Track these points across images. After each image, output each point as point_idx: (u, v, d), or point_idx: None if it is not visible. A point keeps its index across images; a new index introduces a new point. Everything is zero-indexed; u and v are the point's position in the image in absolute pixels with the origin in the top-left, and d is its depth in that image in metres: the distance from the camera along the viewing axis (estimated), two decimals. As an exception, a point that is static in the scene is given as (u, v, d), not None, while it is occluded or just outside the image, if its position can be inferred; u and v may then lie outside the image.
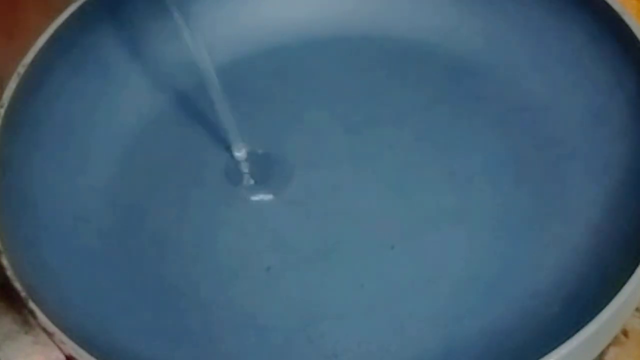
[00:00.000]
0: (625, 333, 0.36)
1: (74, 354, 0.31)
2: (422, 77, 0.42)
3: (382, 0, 0.43)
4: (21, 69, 0.38)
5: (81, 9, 0.40)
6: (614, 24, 0.37)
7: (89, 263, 0.37)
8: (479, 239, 0.37)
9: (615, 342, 0.35)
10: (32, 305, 0.32)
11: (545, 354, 0.30)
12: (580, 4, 0.39)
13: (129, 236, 0.38)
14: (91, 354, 0.31)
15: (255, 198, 0.39)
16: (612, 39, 0.38)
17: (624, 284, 0.31)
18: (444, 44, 0.42)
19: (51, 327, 0.32)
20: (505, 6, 0.41)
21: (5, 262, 0.33)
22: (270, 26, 0.43)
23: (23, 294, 0.32)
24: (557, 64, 0.40)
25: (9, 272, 0.33)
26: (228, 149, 0.40)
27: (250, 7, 0.44)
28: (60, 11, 0.40)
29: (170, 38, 0.43)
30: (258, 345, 0.35)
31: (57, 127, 0.39)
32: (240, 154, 0.40)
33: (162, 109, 0.42)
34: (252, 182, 0.40)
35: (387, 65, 0.43)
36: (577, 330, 0.30)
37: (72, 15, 0.40)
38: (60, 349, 0.32)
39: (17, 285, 0.33)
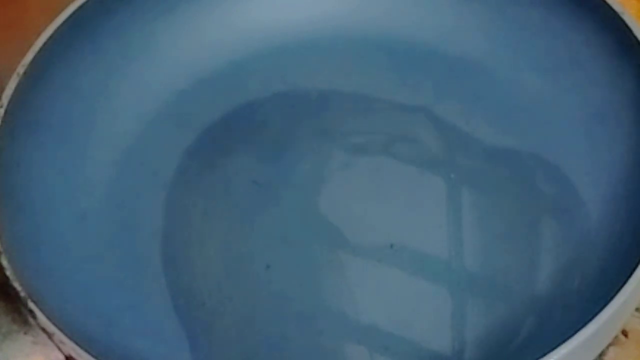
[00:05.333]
0: (625, 333, 0.36)
1: (73, 354, 0.31)
2: (422, 77, 0.42)
3: (382, 1, 0.43)
4: (21, 69, 0.38)
5: (81, 8, 0.40)
6: (614, 24, 0.37)
7: (89, 263, 0.37)
8: (478, 238, 0.37)
9: (615, 342, 0.35)
10: (31, 305, 0.32)
11: (546, 354, 0.30)
12: (580, 4, 0.39)
13: (129, 236, 0.38)
14: (91, 354, 0.31)
15: (255, 197, 0.39)
16: (612, 39, 0.38)
17: (624, 284, 0.31)
18: (444, 44, 0.42)
19: (50, 327, 0.32)
20: (504, 6, 0.41)
21: (4, 262, 0.33)
22: (269, 27, 0.43)
23: (22, 294, 0.32)
24: (557, 64, 0.40)
25: (9, 272, 0.33)
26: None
27: (249, 8, 0.44)
28: (60, 11, 0.40)
29: (171, 38, 0.43)
30: (257, 343, 0.35)
31: (57, 127, 0.39)
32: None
33: (162, 109, 0.42)
34: (251, 182, 0.40)
35: (387, 66, 0.43)
36: (577, 330, 0.30)
37: (72, 15, 0.40)
38: (59, 349, 0.32)
39: (17, 285, 0.33)
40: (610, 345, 0.35)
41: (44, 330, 0.32)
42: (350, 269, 0.37)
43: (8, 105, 0.37)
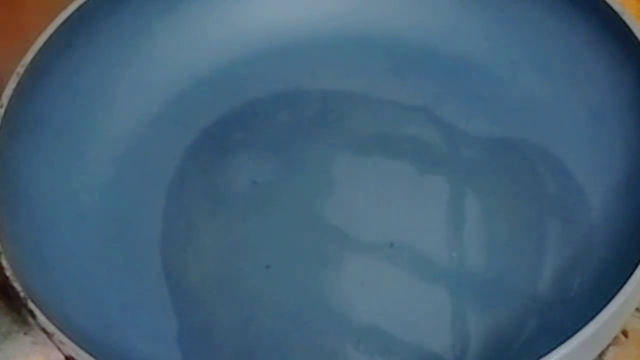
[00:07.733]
0: (625, 333, 0.36)
1: (73, 354, 0.31)
2: (422, 77, 0.42)
3: (382, 1, 0.43)
4: (21, 69, 0.38)
5: (81, 8, 0.40)
6: (614, 24, 0.37)
7: (89, 263, 0.37)
8: (478, 238, 0.37)
9: (615, 342, 0.35)
10: (31, 305, 0.32)
11: (546, 354, 0.30)
12: (580, 4, 0.39)
13: (129, 236, 0.38)
14: (91, 354, 0.31)
15: (255, 197, 0.39)
16: (612, 39, 0.38)
17: (624, 284, 0.31)
18: (444, 44, 0.42)
19: (50, 328, 0.32)
20: (504, 6, 0.41)
21: (4, 262, 0.33)
22: (269, 27, 0.43)
23: (22, 294, 0.32)
24: (557, 64, 0.40)
25: (9, 272, 0.33)
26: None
27: (249, 8, 0.44)
28: (60, 11, 0.40)
29: (171, 38, 0.43)
30: (257, 344, 0.35)
31: (57, 127, 0.39)
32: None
33: (162, 109, 0.42)
34: (250, 182, 0.40)
35: (387, 66, 0.43)
36: (577, 330, 0.30)
37: (72, 15, 0.40)
38: (59, 349, 0.32)
39: (17, 285, 0.33)
40: (610, 345, 0.35)
41: (44, 330, 0.32)
42: (350, 268, 0.37)
43: (8, 105, 0.37)
